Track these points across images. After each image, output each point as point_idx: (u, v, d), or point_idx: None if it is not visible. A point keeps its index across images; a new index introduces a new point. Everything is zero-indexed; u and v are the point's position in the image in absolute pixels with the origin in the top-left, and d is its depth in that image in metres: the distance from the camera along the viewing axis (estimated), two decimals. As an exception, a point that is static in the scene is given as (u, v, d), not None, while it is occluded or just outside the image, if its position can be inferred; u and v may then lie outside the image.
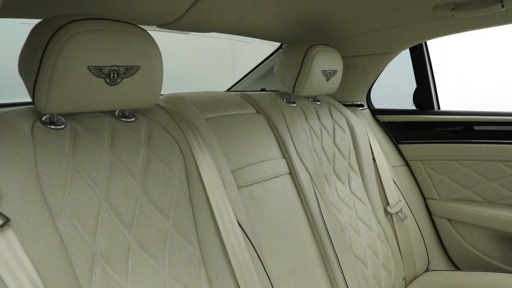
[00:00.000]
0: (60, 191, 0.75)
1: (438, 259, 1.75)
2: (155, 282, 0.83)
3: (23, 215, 0.67)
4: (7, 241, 0.63)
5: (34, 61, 0.73)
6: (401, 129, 1.83)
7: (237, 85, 2.14)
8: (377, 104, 1.96)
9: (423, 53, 1.75)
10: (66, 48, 0.71)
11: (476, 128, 1.65)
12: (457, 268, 1.76)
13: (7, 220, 0.64)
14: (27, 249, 0.66)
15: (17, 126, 0.76)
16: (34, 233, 0.68)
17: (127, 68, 0.80)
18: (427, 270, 1.70)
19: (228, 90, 2.13)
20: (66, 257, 0.71)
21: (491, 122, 1.61)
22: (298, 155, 1.34)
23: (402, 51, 1.67)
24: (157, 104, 1.07)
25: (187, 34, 1.46)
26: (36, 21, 0.92)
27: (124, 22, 0.81)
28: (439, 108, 1.79)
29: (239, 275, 0.95)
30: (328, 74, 1.47)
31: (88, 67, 0.74)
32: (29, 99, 1.01)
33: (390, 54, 1.65)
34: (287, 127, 1.38)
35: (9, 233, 0.64)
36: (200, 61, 3.50)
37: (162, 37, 1.28)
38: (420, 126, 1.78)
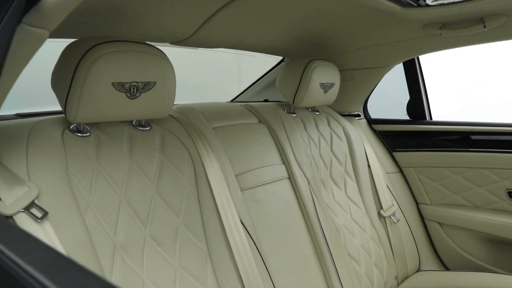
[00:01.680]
0: (86, 190, 0.86)
1: (429, 260, 1.81)
2: (167, 272, 0.93)
3: (58, 210, 0.78)
4: (45, 231, 0.74)
5: (66, 78, 0.84)
6: (395, 138, 1.90)
7: (242, 95, 2.19)
8: (375, 113, 2.02)
9: (416, 67, 1.82)
10: (94, 67, 0.82)
11: (465, 137, 1.71)
12: (447, 268, 1.81)
13: (45, 213, 0.75)
14: (61, 238, 0.76)
15: (51, 133, 0.86)
16: (67, 225, 0.78)
17: (145, 84, 0.90)
18: (418, 270, 1.76)
19: (234, 99, 2.19)
20: (92, 247, 0.81)
21: (480, 132, 1.67)
22: (296, 161, 1.42)
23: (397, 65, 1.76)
24: (169, 114, 1.17)
25: (197, 49, 1.56)
26: (63, 39, 1.03)
27: (142, 43, 0.91)
28: (431, 118, 1.86)
29: (241, 267, 1.05)
30: (326, 87, 1.56)
31: (112, 83, 0.85)
32: (53, 108, 1.12)
33: (384, 68, 1.73)
34: (287, 136, 1.46)
35: (47, 224, 0.75)
36: (209, 73, 3.60)
37: (174, 52, 1.39)
38: (413, 135, 1.84)
